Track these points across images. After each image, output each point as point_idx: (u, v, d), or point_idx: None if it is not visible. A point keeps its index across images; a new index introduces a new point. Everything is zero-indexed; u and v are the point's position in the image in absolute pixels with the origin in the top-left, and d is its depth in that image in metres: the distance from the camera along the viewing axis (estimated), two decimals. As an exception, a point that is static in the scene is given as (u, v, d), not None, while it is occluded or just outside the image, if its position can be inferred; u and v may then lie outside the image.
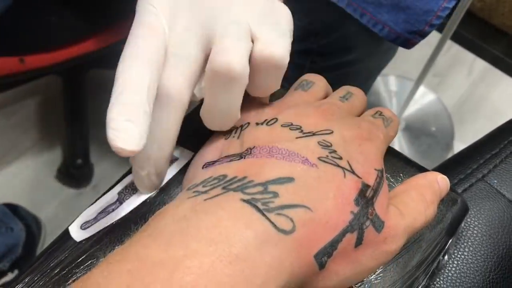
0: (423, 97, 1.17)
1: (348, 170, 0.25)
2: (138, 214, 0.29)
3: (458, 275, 0.34)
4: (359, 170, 0.25)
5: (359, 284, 0.27)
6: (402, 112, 1.11)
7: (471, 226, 0.36)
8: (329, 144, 0.26)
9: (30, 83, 1.08)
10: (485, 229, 0.36)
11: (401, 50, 1.28)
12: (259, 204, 0.22)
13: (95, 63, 1.12)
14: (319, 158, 0.25)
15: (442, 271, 0.34)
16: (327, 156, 0.25)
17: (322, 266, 0.23)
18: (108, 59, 1.12)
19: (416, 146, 1.10)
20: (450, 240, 0.31)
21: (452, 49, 1.31)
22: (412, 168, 0.33)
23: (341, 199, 0.24)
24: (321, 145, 0.26)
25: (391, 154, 0.33)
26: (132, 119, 0.23)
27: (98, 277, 0.19)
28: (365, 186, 0.25)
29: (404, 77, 1.19)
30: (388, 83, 1.18)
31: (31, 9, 0.71)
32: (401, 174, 0.32)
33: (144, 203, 0.30)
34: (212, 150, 0.28)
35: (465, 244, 0.35)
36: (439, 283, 0.34)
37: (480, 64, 1.29)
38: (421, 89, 1.16)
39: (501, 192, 0.37)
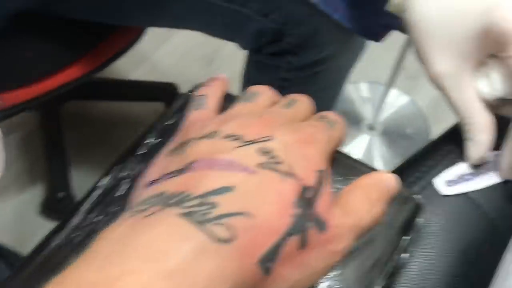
0: (397, 100, 1.19)
1: (288, 174, 0.26)
2: None
3: (420, 272, 0.35)
4: (299, 173, 0.26)
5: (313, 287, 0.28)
6: (377, 117, 1.12)
7: (431, 223, 0.37)
8: (269, 151, 0.26)
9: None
10: (444, 225, 0.37)
11: (370, 57, 1.29)
12: (196, 216, 0.22)
13: (72, 94, 1.12)
14: (258, 165, 0.25)
15: (404, 269, 0.35)
16: (267, 162, 0.26)
17: (267, 271, 0.24)
18: (83, 89, 1.13)
19: (393, 149, 1.11)
20: (406, 238, 0.32)
21: (423, 51, 1.33)
22: (365, 170, 0.33)
23: (281, 203, 0.24)
24: (260, 152, 0.26)
25: (343, 158, 0.34)
26: None
27: None
28: (305, 188, 0.26)
29: (376, 82, 1.20)
30: (360, 89, 1.20)
31: (5, 47, 0.71)
32: (351, 177, 0.32)
33: None
34: (155, 170, 0.28)
35: (425, 241, 0.36)
36: (401, 282, 0.34)
37: (451, 64, 1.31)
38: (394, 92, 1.18)
39: (465, 191, 0.38)
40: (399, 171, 0.41)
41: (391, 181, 0.31)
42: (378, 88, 1.16)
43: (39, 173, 1.10)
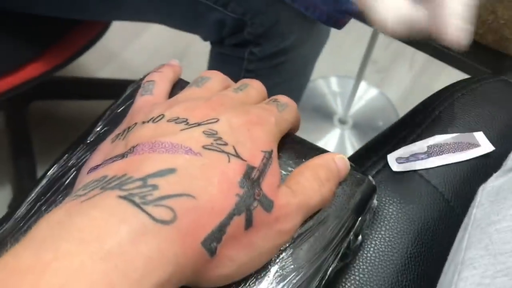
0: (366, 93, 1.20)
1: (233, 155, 0.25)
2: None
3: (377, 254, 0.35)
4: (245, 154, 0.26)
5: (264, 270, 0.28)
6: (347, 111, 1.12)
7: (386, 205, 0.37)
8: (214, 132, 0.26)
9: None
10: (399, 206, 0.37)
11: (339, 51, 1.30)
12: (135, 198, 0.22)
13: (38, 93, 1.10)
14: (203, 147, 0.25)
15: (360, 251, 0.35)
16: (212, 143, 0.25)
17: (212, 252, 0.23)
18: (48, 89, 1.11)
19: (366, 142, 1.12)
20: (359, 219, 0.32)
21: (392, 45, 1.34)
22: (316, 153, 0.33)
23: (225, 184, 0.24)
24: (206, 134, 0.26)
25: (295, 142, 0.34)
26: None
27: None
28: (250, 168, 0.25)
29: (345, 76, 1.21)
30: (330, 84, 1.20)
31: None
32: (303, 160, 0.32)
33: None
34: (98, 155, 0.28)
35: (381, 223, 0.36)
36: (358, 264, 0.34)
37: (421, 57, 1.33)
38: (363, 85, 1.18)
39: (415, 169, 0.38)
40: (358, 155, 0.41)
41: (341, 162, 0.31)
42: (348, 82, 1.16)
43: (6, 173, 1.08)
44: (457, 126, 0.40)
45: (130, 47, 1.31)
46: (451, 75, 1.28)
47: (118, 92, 0.35)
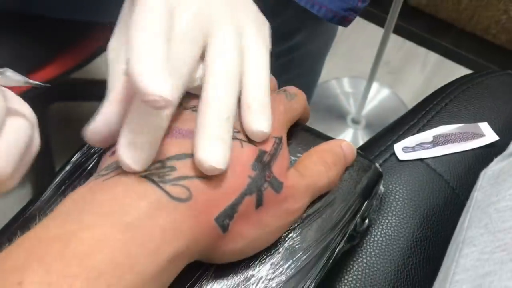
0: (379, 94, 1.21)
1: (245, 141, 0.27)
2: None
3: (384, 238, 0.36)
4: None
5: (274, 247, 0.29)
6: (360, 111, 1.14)
7: (393, 192, 0.38)
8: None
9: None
10: (406, 193, 0.38)
11: (352, 52, 1.30)
12: (154, 177, 0.24)
13: (57, 96, 1.13)
14: None
15: (368, 236, 0.36)
16: None
17: (225, 228, 0.25)
18: (68, 91, 1.14)
19: (378, 142, 1.13)
20: (366, 203, 0.33)
21: (405, 46, 1.35)
22: (324, 140, 0.35)
23: (238, 166, 0.26)
24: None
25: (304, 130, 0.36)
26: None
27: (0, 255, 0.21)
28: (262, 152, 0.27)
29: (358, 77, 1.22)
30: (343, 85, 1.21)
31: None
32: (311, 146, 0.34)
33: None
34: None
35: (388, 209, 0.37)
36: (366, 247, 0.36)
37: (433, 57, 1.33)
38: (376, 86, 1.19)
39: (420, 157, 0.39)
40: (367, 145, 0.43)
41: (347, 148, 0.32)
42: (361, 83, 1.17)
43: (26, 174, 1.11)
44: (462, 117, 0.42)
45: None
46: (464, 73, 1.29)
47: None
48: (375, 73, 1.02)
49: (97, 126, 0.27)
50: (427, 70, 1.31)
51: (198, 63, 0.28)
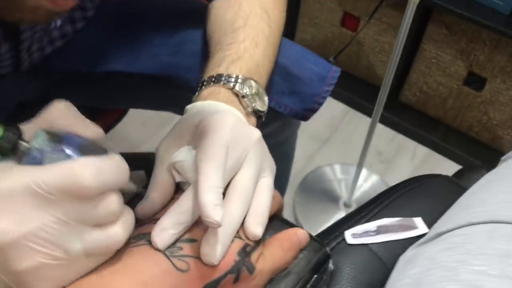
0: (368, 180, 1.32)
1: (238, 237, 0.39)
2: None
3: (331, 307, 0.46)
4: (244, 236, 0.39)
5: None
6: (351, 196, 1.25)
7: (341, 269, 0.48)
8: None
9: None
10: (352, 271, 0.48)
11: (346, 142, 1.42)
12: (167, 252, 0.36)
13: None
14: None
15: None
16: None
17: None
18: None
19: (366, 225, 1.23)
20: (315, 277, 0.44)
21: (396, 138, 1.48)
22: (288, 226, 0.46)
23: (229, 253, 0.37)
24: None
25: (279, 220, 0.47)
26: None
27: None
28: (247, 245, 0.39)
29: (349, 164, 1.35)
30: (335, 171, 1.34)
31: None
32: (279, 231, 0.45)
33: None
34: None
35: (337, 283, 0.47)
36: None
37: (422, 150, 1.46)
38: (365, 172, 1.31)
39: (365, 243, 0.50)
40: (327, 229, 0.54)
41: (301, 235, 0.44)
42: (351, 169, 1.29)
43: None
44: (402, 212, 0.53)
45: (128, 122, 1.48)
46: (449, 168, 1.40)
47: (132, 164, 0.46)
48: (364, 161, 1.14)
49: (146, 208, 0.39)
50: (416, 161, 1.44)
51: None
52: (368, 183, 1.32)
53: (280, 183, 0.93)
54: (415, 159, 1.44)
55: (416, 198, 0.55)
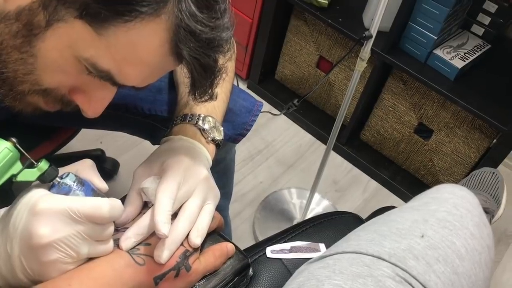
0: (320, 205, 1.51)
1: (182, 245, 0.56)
2: None
3: (246, 300, 0.64)
4: (187, 244, 0.57)
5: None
6: (304, 217, 1.43)
7: (259, 276, 0.67)
8: None
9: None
10: (266, 279, 0.66)
11: (309, 169, 1.60)
12: (130, 251, 0.53)
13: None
14: None
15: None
16: None
17: (156, 283, 0.54)
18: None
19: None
20: (236, 278, 0.62)
21: (353, 171, 1.68)
22: (223, 240, 0.64)
23: (173, 256, 0.54)
24: None
25: (217, 234, 0.65)
26: None
27: None
28: (187, 251, 0.56)
29: (305, 189, 1.53)
30: (292, 194, 1.52)
31: None
32: (216, 243, 0.63)
33: None
34: None
35: (254, 285, 0.66)
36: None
37: (373, 184, 1.65)
38: (317, 197, 1.51)
39: (280, 257, 0.68)
40: (255, 244, 0.72)
41: (230, 248, 0.62)
42: (306, 193, 1.48)
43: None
44: (312, 238, 0.71)
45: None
46: (394, 202, 1.60)
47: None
48: (316, 187, 1.32)
49: (122, 218, 0.56)
50: (366, 194, 1.63)
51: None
52: (320, 207, 1.51)
53: (226, 193, 1.09)
54: (366, 191, 1.63)
55: (326, 229, 0.73)
